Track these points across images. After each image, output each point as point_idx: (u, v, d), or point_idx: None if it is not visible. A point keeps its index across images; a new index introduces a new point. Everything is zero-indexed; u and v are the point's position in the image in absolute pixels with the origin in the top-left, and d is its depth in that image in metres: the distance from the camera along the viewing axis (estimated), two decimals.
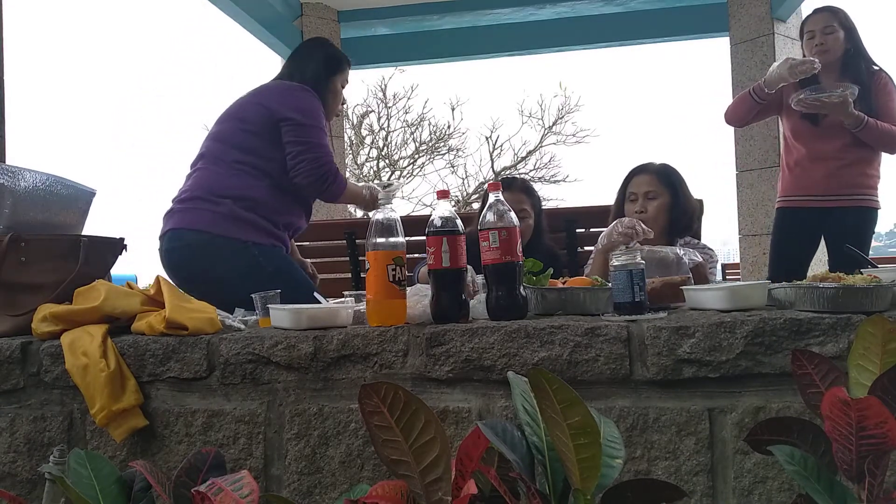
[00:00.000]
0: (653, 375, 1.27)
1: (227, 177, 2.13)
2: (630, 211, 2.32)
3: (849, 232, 2.70)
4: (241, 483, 0.90)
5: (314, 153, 2.14)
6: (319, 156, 2.15)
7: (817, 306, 1.29)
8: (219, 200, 2.09)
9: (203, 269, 2.08)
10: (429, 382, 1.34)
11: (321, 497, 1.35)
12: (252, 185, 2.13)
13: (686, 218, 2.33)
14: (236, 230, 2.08)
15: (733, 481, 1.24)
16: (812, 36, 2.84)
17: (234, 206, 2.09)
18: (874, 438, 0.86)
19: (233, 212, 2.08)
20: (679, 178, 2.36)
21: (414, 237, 2.43)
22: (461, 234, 1.43)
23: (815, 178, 2.83)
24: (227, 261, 2.07)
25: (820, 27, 2.81)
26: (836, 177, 2.79)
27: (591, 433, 0.86)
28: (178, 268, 2.12)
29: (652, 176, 2.33)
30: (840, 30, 2.80)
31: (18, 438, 1.46)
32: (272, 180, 2.16)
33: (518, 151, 13.23)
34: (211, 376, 1.41)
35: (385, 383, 0.92)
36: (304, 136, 2.15)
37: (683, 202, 2.32)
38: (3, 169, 1.63)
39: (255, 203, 2.12)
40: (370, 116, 12.89)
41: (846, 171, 2.78)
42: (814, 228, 2.88)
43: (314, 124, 2.18)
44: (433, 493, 0.91)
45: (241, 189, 2.12)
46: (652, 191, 2.30)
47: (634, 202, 2.32)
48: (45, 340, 1.49)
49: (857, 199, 2.78)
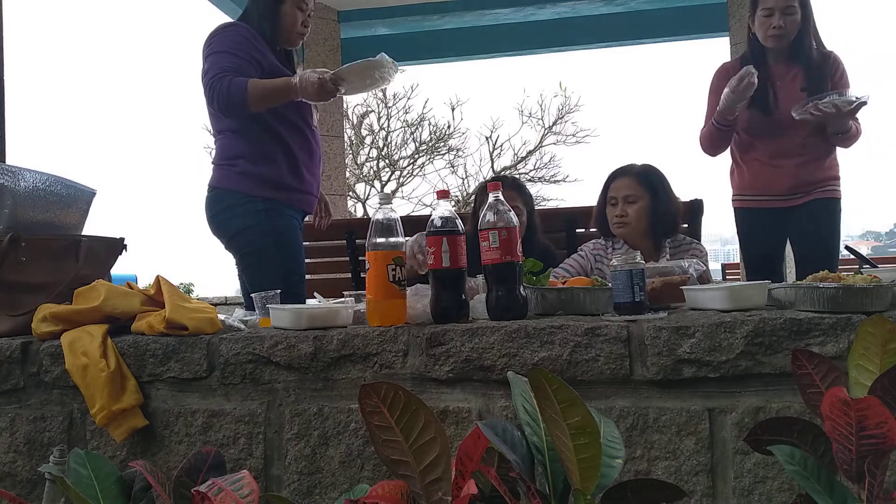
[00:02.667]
0: (653, 375, 1.27)
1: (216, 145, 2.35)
2: (611, 215, 2.31)
3: (818, 228, 2.50)
4: (241, 483, 0.90)
5: (204, 77, 2.14)
6: (206, 71, 2.14)
7: (817, 306, 1.29)
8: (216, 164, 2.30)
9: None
10: (429, 382, 1.34)
11: (321, 497, 1.35)
12: (220, 146, 2.29)
13: (669, 218, 2.31)
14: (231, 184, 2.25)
15: (733, 481, 1.24)
16: (769, 13, 2.46)
17: (218, 164, 2.28)
18: (874, 438, 0.86)
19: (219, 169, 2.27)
20: (660, 179, 2.33)
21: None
22: (461, 234, 1.43)
23: (776, 178, 2.54)
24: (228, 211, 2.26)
25: (781, 5, 2.44)
26: (799, 175, 2.51)
27: (591, 433, 0.86)
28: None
29: (631, 179, 2.32)
30: (799, 9, 2.46)
31: (18, 438, 1.46)
32: (231, 133, 2.24)
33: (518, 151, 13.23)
34: (211, 376, 1.41)
35: (385, 383, 0.92)
36: (203, 70, 2.16)
37: (665, 203, 2.29)
38: (3, 169, 1.63)
39: (234, 157, 2.23)
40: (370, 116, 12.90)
41: (809, 167, 2.51)
42: (780, 229, 2.60)
43: (208, 53, 2.17)
44: (433, 493, 0.91)
45: (219, 150, 2.30)
46: (631, 194, 2.29)
47: (615, 206, 2.31)
48: (45, 340, 1.49)
49: (820, 191, 2.53)
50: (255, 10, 2.27)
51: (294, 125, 2.26)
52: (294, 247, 2.28)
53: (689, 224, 2.76)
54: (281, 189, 2.23)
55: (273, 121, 2.21)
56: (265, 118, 2.19)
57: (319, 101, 2.11)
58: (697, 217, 2.74)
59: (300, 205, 2.32)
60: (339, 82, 2.06)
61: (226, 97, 2.07)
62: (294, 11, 2.24)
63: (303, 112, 2.29)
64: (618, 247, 2.33)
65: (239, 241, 2.24)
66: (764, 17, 2.48)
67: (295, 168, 2.26)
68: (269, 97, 2.10)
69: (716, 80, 2.62)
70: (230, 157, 2.23)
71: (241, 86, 2.06)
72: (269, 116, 2.20)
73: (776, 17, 2.45)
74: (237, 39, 2.18)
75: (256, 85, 2.07)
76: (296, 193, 2.28)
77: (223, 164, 2.25)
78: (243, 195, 2.20)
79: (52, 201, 1.74)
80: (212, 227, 2.28)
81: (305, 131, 2.30)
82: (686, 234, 2.54)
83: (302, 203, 2.32)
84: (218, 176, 2.26)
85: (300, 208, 2.33)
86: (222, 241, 2.29)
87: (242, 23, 2.29)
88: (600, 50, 6.24)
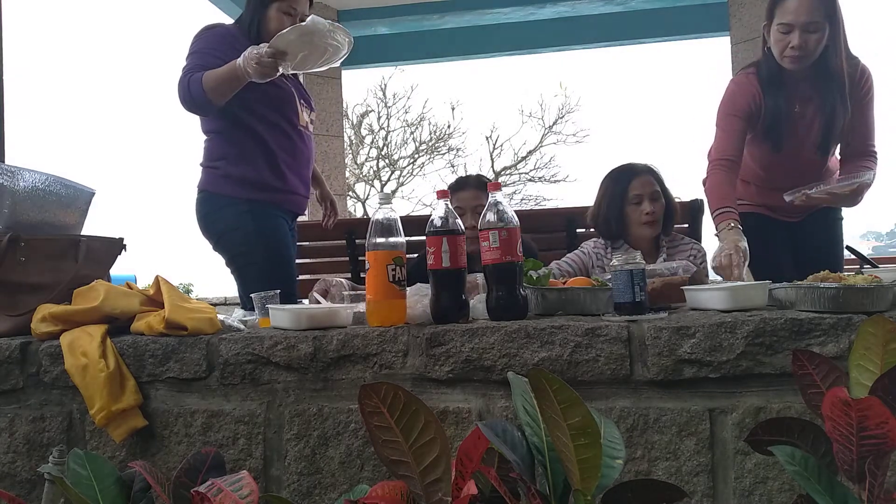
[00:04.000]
0: (653, 376, 1.26)
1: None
2: (636, 213, 2.26)
3: (820, 240, 2.36)
4: (241, 483, 0.90)
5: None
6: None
7: (818, 306, 1.29)
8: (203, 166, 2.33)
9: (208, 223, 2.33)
10: (429, 383, 1.34)
11: (321, 497, 1.34)
12: (206, 148, 2.31)
13: (673, 217, 2.36)
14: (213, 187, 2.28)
15: (734, 482, 1.23)
16: (787, 30, 2.06)
17: (205, 166, 2.31)
18: (875, 439, 0.86)
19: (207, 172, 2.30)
20: (663, 178, 2.38)
21: (414, 237, 2.42)
22: (461, 234, 1.43)
23: (777, 201, 2.27)
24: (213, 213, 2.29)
25: (802, 20, 2.04)
26: (803, 204, 2.19)
27: (592, 433, 0.86)
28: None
29: (652, 177, 2.32)
30: (825, 24, 2.05)
31: (18, 439, 1.46)
32: (214, 134, 2.26)
33: (518, 151, 13.25)
34: (210, 376, 1.41)
35: (385, 383, 0.91)
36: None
37: (672, 202, 2.34)
38: (3, 169, 1.63)
39: (217, 159, 2.25)
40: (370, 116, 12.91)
41: (813, 198, 2.18)
42: (781, 235, 2.41)
43: (186, 55, 2.19)
44: (433, 493, 0.91)
45: (205, 152, 2.32)
46: (656, 191, 2.30)
47: (638, 204, 2.27)
48: (45, 341, 1.49)
49: (824, 208, 2.32)
50: (246, 14, 2.29)
51: (275, 125, 2.24)
52: (280, 247, 2.27)
53: (689, 224, 2.76)
54: (263, 190, 2.22)
55: (253, 121, 2.20)
56: (244, 118, 2.19)
57: (263, 78, 2.04)
58: (697, 217, 2.74)
59: (286, 205, 2.30)
60: (279, 56, 2.02)
61: (186, 93, 2.10)
62: (280, 16, 2.22)
63: (285, 111, 2.27)
64: (617, 246, 2.33)
65: (225, 242, 2.25)
66: (781, 33, 2.09)
67: (276, 168, 2.24)
68: (222, 84, 2.07)
69: (728, 101, 2.28)
70: (213, 160, 2.25)
71: (197, 81, 2.07)
72: (248, 117, 2.19)
73: (795, 36, 2.06)
74: (215, 40, 2.18)
75: (209, 76, 2.07)
76: (279, 194, 2.26)
77: (208, 166, 2.27)
78: (227, 197, 2.21)
79: (52, 201, 1.73)
80: (201, 228, 2.30)
81: (288, 130, 2.28)
82: (686, 234, 2.54)
83: (287, 203, 2.31)
84: (204, 178, 2.28)
85: (286, 209, 2.32)
86: (210, 243, 2.30)
87: (232, 25, 2.30)
88: (600, 50, 6.24)
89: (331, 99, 5.39)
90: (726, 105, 2.27)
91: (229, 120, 2.19)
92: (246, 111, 2.18)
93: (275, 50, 2.00)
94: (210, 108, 2.12)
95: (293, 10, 2.24)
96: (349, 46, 2.17)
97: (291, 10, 2.24)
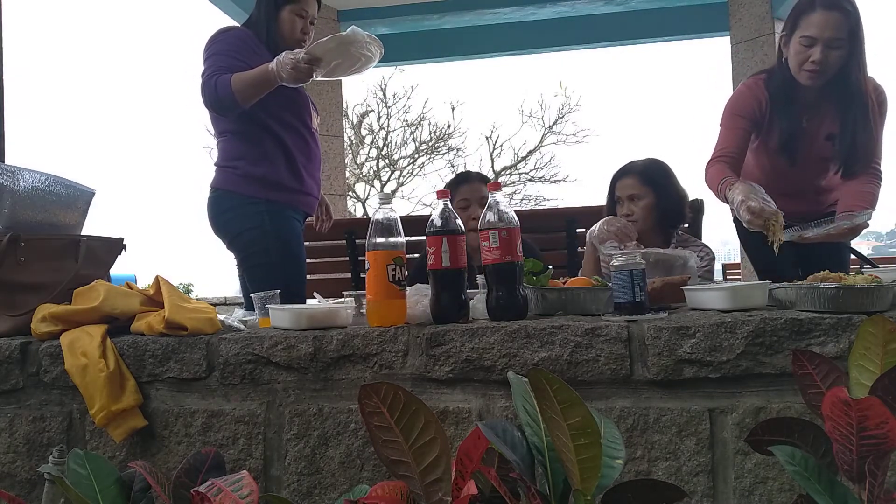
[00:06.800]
0: (653, 376, 1.26)
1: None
2: (619, 214, 2.34)
3: (824, 247, 2.22)
4: (241, 483, 0.90)
5: (201, 79, 2.16)
6: (202, 74, 2.16)
7: (818, 306, 1.29)
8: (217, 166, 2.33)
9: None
10: (429, 383, 1.34)
11: (321, 497, 1.34)
12: (221, 148, 2.31)
13: (677, 209, 2.33)
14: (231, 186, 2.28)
15: (734, 482, 1.23)
16: (811, 43, 2.02)
17: (221, 166, 2.30)
18: (875, 439, 0.86)
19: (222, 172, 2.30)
20: (663, 172, 2.34)
21: (414, 237, 2.42)
22: (461, 233, 1.43)
23: (781, 206, 2.10)
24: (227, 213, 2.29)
25: (826, 36, 1.99)
26: (811, 213, 2.20)
27: (592, 433, 0.86)
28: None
29: (635, 178, 2.33)
30: (847, 42, 2.01)
31: (18, 439, 1.46)
32: (231, 134, 2.26)
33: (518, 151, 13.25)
34: (210, 376, 1.41)
35: (385, 383, 0.91)
36: (201, 73, 2.18)
37: (671, 195, 2.31)
38: (3, 169, 1.63)
39: (235, 159, 2.25)
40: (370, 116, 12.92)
41: (822, 209, 2.26)
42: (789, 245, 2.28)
43: (206, 57, 2.19)
44: (433, 493, 0.91)
45: (221, 152, 2.31)
46: (635, 193, 2.30)
47: (621, 205, 2.33)
48: (45, 341, 1.49)
49: (829, 212, 2.23)
50: (257, 16, 2.30)
51: (292, 127, 2.27)
52: (295, 248, 2.30)
53: (690, 224, 2.76)
54: (281, 190, 2.24)
55: (271, 122, 2.22)
56: (263, 120, 2.20)
57: (297, 83, 2.08)
58: (698, 217, 2.74)
59: (301, 206, 2.33)
60: (315, 62, 2.04)
61: (213, 95, 2.10)
62: (293, 18, 2.25)
63: (300, 114, 2.29)
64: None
65: (240, 242, 2.25)
66: (803, 45, 2.03)
67: (294, 169, 2.27)
68: (252, 87, 2.09)
69: (734, 102, 2.27)
70: (231, 159, 2.25)
71: (225, 82, 2.08)
72: (267, 118, 2.20)
73: (817, 51, 2.01)
74: (234, 42, 2.19)
75: (239, 77, 2.08)
76: (296, 195, 2.28)
77: (225, 165, 2.26)
78: (245, 197, 2.21)
79: (52, 201, 1.73)
80: (214, 228, 2.30)
81: (304, 133, 2.30)
82: (686, 233, 2.53)
83: (303, 204, 2.33)
84: (220, 178, 2.27)
85: (301, 209, 2.34)
86: (224, 242, 2.30)
87: (245, 28, 2.31)
88: (600, 49, 6.24)
89: (331, 99, 5.40)
90: (732, 105, 2.27)
91: (248, 121, 2.20)
92: (265, 112, 2.20)
93: (311, 56, 2.02)
94: (236, 109, 2.14)
95: (305, 12, 2.28)
96: (379, 58, 2.18)
97: (303, 12, 2.27)
